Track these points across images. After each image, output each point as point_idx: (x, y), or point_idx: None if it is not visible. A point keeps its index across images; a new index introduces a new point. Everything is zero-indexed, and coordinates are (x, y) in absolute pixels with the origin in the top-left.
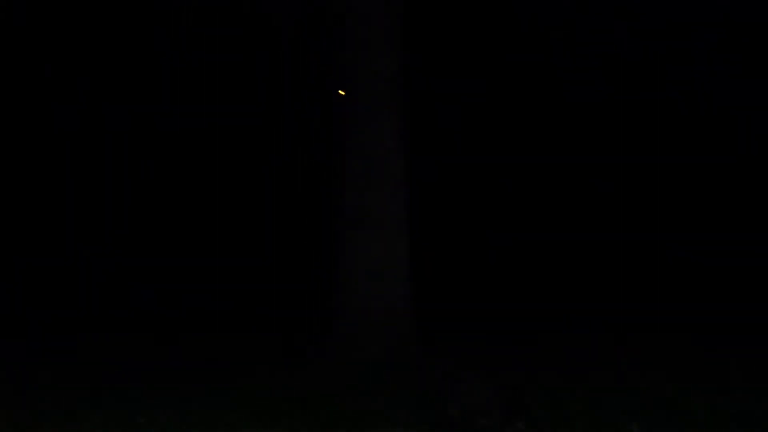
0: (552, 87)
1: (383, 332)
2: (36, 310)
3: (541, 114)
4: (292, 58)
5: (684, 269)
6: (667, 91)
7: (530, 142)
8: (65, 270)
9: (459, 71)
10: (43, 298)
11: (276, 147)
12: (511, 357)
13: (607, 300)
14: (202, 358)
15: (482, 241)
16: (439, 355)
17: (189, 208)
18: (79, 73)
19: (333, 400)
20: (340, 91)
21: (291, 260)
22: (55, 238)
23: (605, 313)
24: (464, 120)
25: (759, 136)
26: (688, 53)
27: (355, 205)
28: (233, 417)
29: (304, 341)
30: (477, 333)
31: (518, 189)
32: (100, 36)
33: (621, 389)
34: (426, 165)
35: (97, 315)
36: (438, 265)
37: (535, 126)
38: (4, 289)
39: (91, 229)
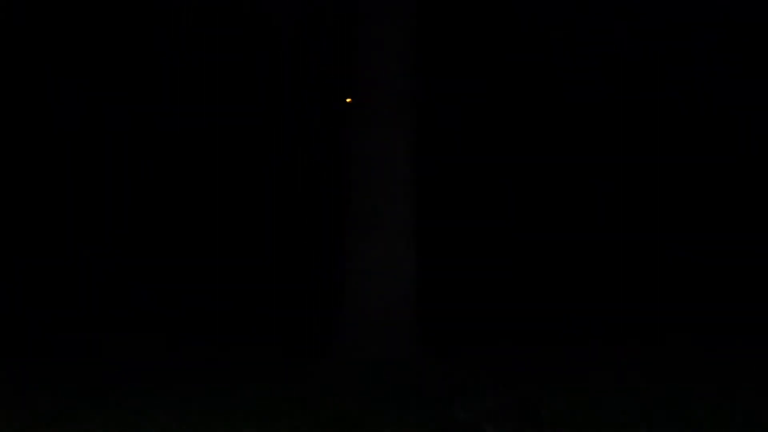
0: (552, 87)
1: (386, 333)
2: (36, 310)
3: (540, 114)
4: (292, 58)
5: (684, 269)
6: (667, 91)
7: (530, 142)
8: (65, 270)
9: (459, 71)
10: (43, 298)
11: (276, 147)
12: (514, 358)
13: (610, 300)
14: (202, 358)
15: (484, 241)
16: (441, 356)
17: (189, 208)
18: (79, 73)
19: (334, 401)
20: (348, 99)
21: (292, 260)
22: (55, 238)
23: (607, 314)
24: (464, 120)
25: (759, 136)
26: (688, 53)
27: (361, 206)
28: (233, 417)
29: (305, 341)
30: (481, 334)
31: (519, 189)
32: (100, 36)
33: (625, 391)
34: (426, 165)
35: (97, 315)
36: (442, 266)
37: (535, 126)
38: (4, 289)
39: (91, 229)
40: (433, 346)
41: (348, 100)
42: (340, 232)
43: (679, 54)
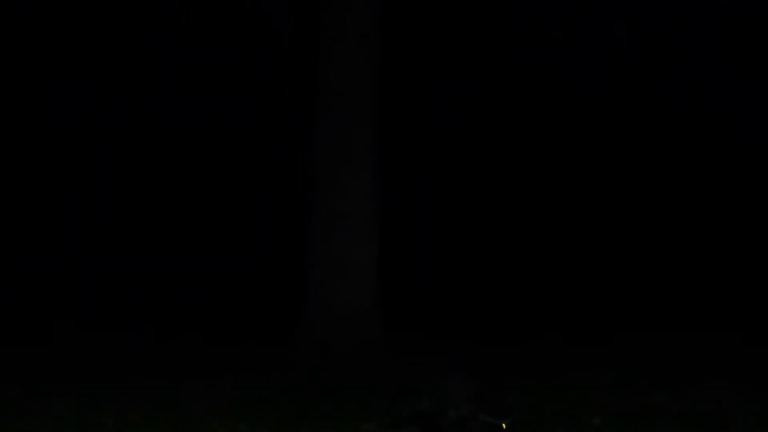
0: (552, 87)
1: (351, 327)
2: (35, 310)
3: (540, 114)
4: (292, 58)
5: (680, 269)
6: (667, 91)
7: (530, 142)
8: (65, 270)
9: (459, 71)
10: (43, 298)
11: (276, 147)
12: (482, 357)
13: (585, 299)
14: (179, 359)
15: (459, 240)
16: (408, 354)
17: (190, 207)
18: (79, 73)
19: (297, 394)
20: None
21: (289, 261)
22: (55, 238)
23: (584, 312)
24: (464, 120)
25: (759, 136)
26: (688, 53)
27: (325, 207)
28: (193, 412)
29: (277, 341)
30: (449, 333)
31: (517, 189)
32: (100, 36)
33: (592, 387)
34: (426, 164)
35: (97, 315)
36: (411, 266)
37: (535, 126)
38: (3, 289)
39: (91, 229)
40: (403, 347)
41: None
42: (310, 234)
43: (679, 54)
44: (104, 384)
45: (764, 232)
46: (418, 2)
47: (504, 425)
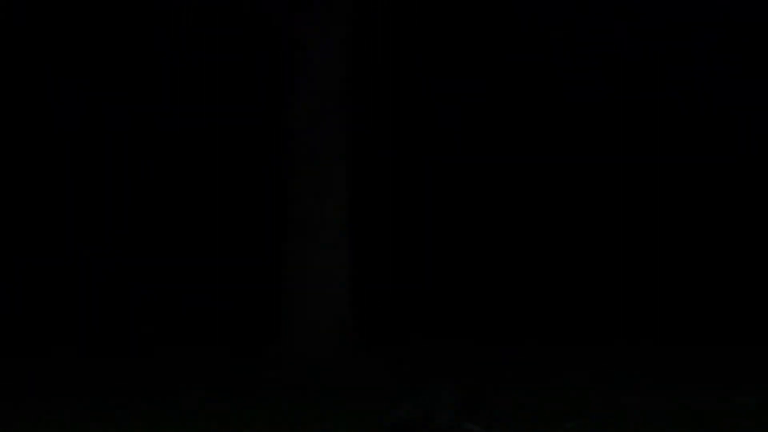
0: (552, 87)
1: (327, 338)
2: (35, 310)
3: (540, 114)
4: (292, 58)
5: (679, 269)
6: (667, 91)
7: (530, 142)
8: (65, 270)
9: (458, 71)
10: (43, 299)
11: (275, 147)
12: (458, 362)
13: (585, 299)
14: (178, 362)
15: (459, 240)
16: (386, 360)
17: (190, 207)
18: (79, 73)
19: (273, 402)
20: None
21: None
22: (55, 238)
23: (584, 313)
24: (464, 120)
25: (759, 136)
26: (688, 53)
27: (297, 213)
28: (165, 421)
29: (255, 347)
30: (449, 334)
31: (517, 189)
32: (100, 36)
33: (571, 388)
34: (426, 164)
35: (97, 315)
36: (411, 266)
37: (535, 126)
38: (3, 289)
39: (91, 229)
40: (380, 353)
41: None
42: (284, 240)
43: (679, 54)
44: (104, 389)
45: (764, 232)
46: (419, 2)
47: None
